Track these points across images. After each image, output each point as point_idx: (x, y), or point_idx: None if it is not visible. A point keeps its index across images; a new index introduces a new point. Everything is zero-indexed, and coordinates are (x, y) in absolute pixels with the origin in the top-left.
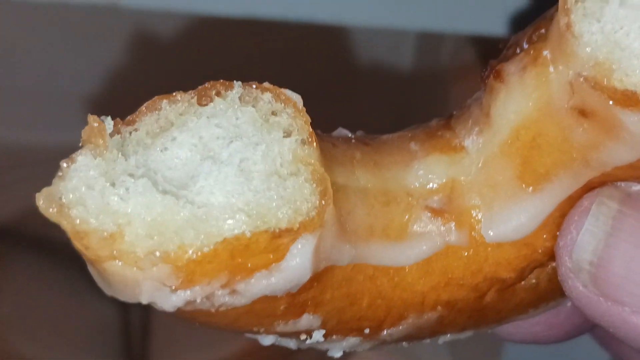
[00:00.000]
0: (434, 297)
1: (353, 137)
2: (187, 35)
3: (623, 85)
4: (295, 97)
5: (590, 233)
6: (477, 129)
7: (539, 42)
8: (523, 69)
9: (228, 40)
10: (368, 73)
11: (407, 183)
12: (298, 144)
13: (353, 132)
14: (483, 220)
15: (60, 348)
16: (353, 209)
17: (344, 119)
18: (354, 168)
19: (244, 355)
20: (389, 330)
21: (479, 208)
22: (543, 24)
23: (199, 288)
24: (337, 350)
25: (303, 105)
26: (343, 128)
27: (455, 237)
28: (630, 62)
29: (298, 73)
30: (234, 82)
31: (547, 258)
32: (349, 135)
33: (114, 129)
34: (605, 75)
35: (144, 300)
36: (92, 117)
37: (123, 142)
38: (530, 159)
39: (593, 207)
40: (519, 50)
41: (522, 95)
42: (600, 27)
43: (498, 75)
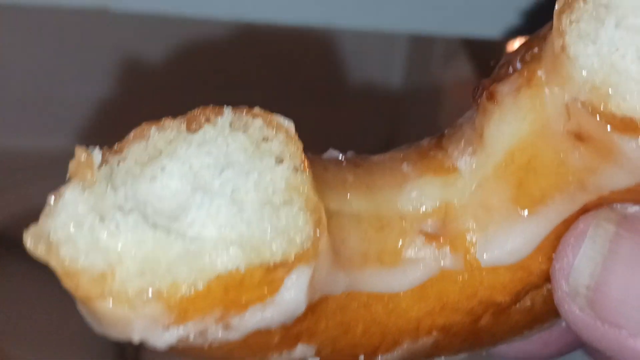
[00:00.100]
0: (429, 322)
1: (344, 158)
2: (177, 38)
3: (620, 111)
4: (287, 123)
5: (588, 257)
6: (470, 150)
7: (533, 62)
8: (517, 90)
9: (218, 44)
10: (358, 78)
11: (400, 206)
12: (291, 171)
13: (343, 151)
14: (478, 244)
15: (54, 353)
16: (347, 236)
17: (334, 125)
18: (346, 192)
19: None
20: (384, 357)
21: (474, 231)
22: (536, 43)
23: (192, 324)
24: None
25: (295, 120)
26: (333, 149)
27: (450, 261)
28: (628, 86)
29: (286, 79)
30: (224, 107)
31: (542, 280)
32: (340, 157)
33: (102, 159)
34: (603, 100)
35: (136, 339)
36: (79, 149)
37: (111, 172)
38: (526, 182)
39: (590, 230)
40: (512, 70)
41: (516, 118)
42: (596, 49)
43: (491, 96)
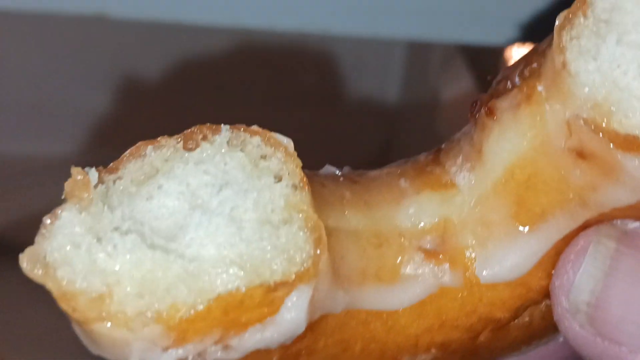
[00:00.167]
0: (428, 339)
1: (341, 174)
2: (174, 45)
3: (623, 128)
4: (286, 141)
5: (588, 273)
6: (468, 166)
7: (532, 77)
8: (517, 106)
9: (216, 51)
10: (355, 87)
11: (398, 223)
12: (290, 189)
13: (340, 161)
14: (477, 260)
15: (52, 358)
16: (346, 254)
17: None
18: (345, 208)
19: None
20: None
21: (473, 247)
22: (535, 58)
23: (192, 346)
24: None
25: (292, 140)
26: (330, 165)
27: (449, 278)
28: (630, 103)
29: (283, 87)
30: (222, 125)
31: (541, 296)
32: (337, 173)
33: (98, 179)
34: (605, 118)
35: None
36: (75, 169)
37: (107, 191)
38: (526, 199)
39: (591, 247)
40: (510, 85)
41: (516, 134)
42: (597, 65)
43: (490, 112)
